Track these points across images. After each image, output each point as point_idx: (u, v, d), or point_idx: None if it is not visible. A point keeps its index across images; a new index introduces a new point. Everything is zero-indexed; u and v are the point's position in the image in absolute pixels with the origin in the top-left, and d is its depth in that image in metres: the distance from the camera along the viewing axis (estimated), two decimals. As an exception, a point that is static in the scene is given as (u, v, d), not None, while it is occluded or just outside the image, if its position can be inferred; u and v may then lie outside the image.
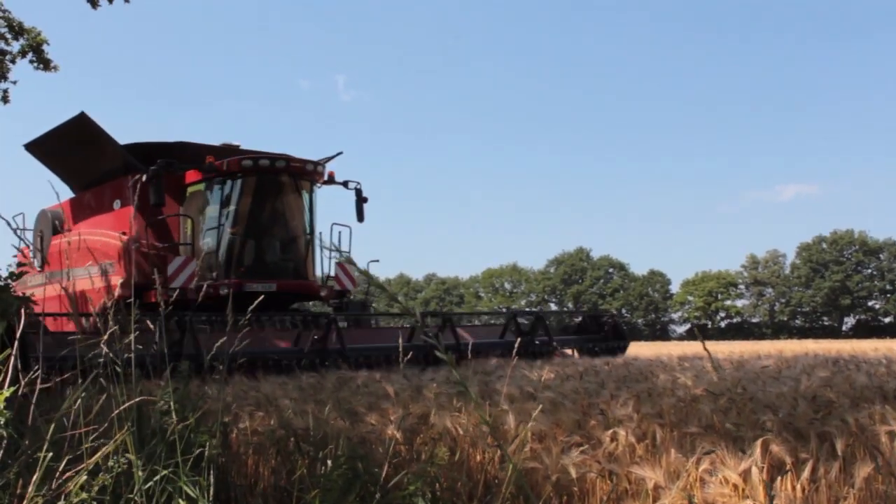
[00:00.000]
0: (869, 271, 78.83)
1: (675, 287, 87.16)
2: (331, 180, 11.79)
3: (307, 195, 11.51)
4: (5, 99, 11.93)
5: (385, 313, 16.25)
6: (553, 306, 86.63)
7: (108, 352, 3.08)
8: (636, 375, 5.74)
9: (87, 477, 2.55)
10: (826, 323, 79.52)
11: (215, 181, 10.91)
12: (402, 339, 5.57)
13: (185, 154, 11.07)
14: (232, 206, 10.82)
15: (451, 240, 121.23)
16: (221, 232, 10.77)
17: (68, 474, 2.55)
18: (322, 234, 11.78)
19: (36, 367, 2.87)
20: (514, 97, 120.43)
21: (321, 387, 5.75)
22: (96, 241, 11.05)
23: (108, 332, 3.10)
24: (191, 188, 11.30)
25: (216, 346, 3.46)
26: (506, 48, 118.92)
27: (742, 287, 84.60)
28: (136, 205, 10.50)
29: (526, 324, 11.06)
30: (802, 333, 72.72)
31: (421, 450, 3.86)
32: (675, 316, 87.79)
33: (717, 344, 34.96)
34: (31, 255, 12.83)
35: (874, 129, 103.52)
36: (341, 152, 12.02)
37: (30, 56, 11.85)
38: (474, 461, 3.80)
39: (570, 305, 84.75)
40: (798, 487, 2.83)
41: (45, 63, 11.96)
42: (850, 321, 79.92)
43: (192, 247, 10.80)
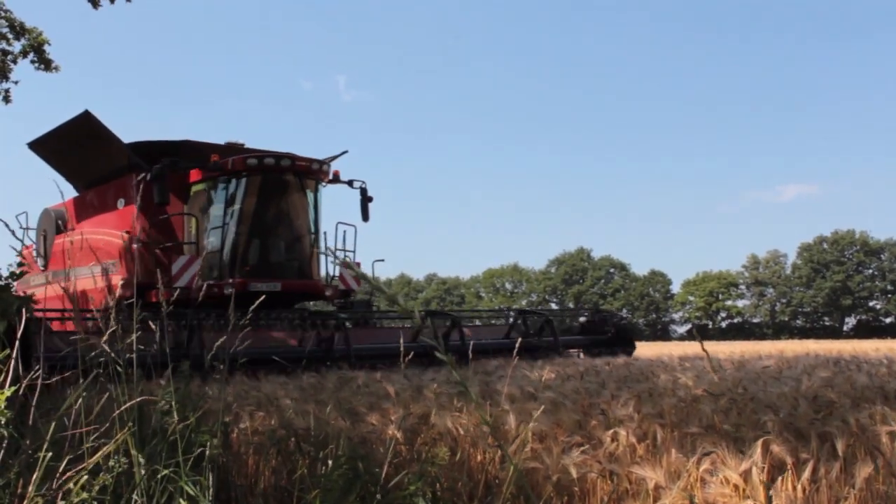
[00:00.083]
0: (870, 271, 78.76)
1: (675, 287, 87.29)
2: (336, 179, 11.74)
3: (312, 194, 11.45)
4: (7, 99, 11.95)
5: (389, 313, 16.16)
6: (554, 306, 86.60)
7: (109, 352, 3.08)
8: (637, 375, 5.73)
9: (87, 476, 2.55)
10: (827, 323, 79.46)
11: (220, 180, 10.86)
12: (407, 339, 5.55)
13: (190, 153, 11.02)
14: (237, 205, 10.78)
15: (452, 240, 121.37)
16: (226, 231, 10.73)
17: (69, 474, 2.55)
18: (326, 233, 11.76)
19: (37, 366, 2.87)
20: (514, 97, 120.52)
21: (322, 387, 5.74)
22: (99, 240, 11.01)
23: (108, 331, 3.10)
24: (195, 187, 11.25)
25: (215, 345, 3.46)
26: (506, 48, 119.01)
27: (743, 287, 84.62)
28: (140, 204, 10.48)
29: (527, 323, 11.01)
30: (803, 334, 72.69)
31: (421, 450, 3.86)
32: (676, 316, 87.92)
33: (718, 344, 34.92)
34: (34, 254, 12.82)
35: (874, 129, 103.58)
36: (346, 151, 12.00)
37: (31, 56, 11.86)
38: (475, 461, 3.79)
39: (571, 305, 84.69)
40: (799, 488, 2.83)
41: (46, 63, 11.97)
42: (851, 321, 79.91)
43: (197, 246, 10.76)
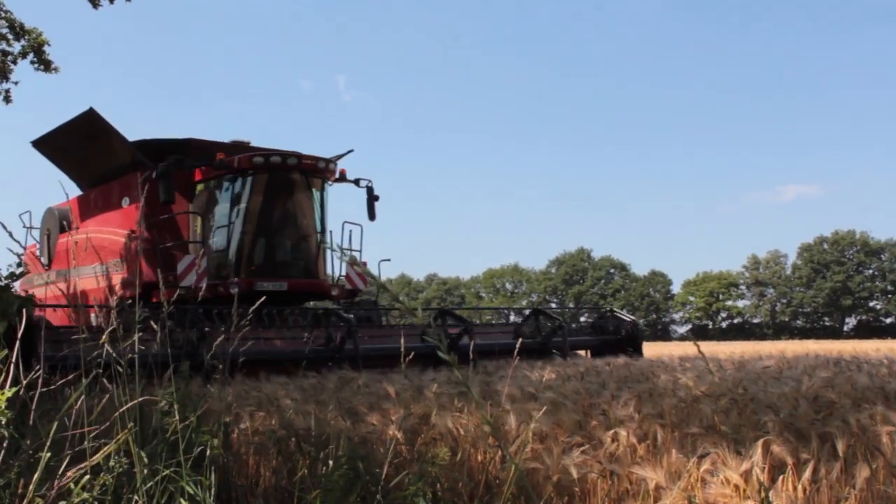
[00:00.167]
0: (870, 272, 78.74)
1: (676, 287, 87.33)
2: (342, 178, 11.64)
3: (318, 193, 11.35)
4: (7, 99, 11.95)
5: (395, 311, 16.01)
6: (554, 306, 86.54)
7: (111, 351, 3.08)
8: (637, 376, 5.73)
9: (88, 476, 2.55)
10: (827, 323, 79.44)
11: (226, 178, 10.75)
12: (413, 339, 5.51)
13: (195, 151, 10.91)
14: (242, 204, 10.67)
15: (453, 240, 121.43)
16: (232, 230, 10.63)
17: (69, 474, 2.55)
18: (332, 232, 11.64)
19: (38, 366, 2.87)
20: (514, 97, 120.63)
21: (322, 387, 5.74)
22: (103, 239, 10.91)
23: (109, 331, 3.10)
24: (200, 185, 11.16)
25: (215, 345, 3.47)
26: (506, 48, 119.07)
27: (743, 287, 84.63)
28: (145, 202, 10.41)
29: (539, 325, 10.85)
30: (804, 334, 72.69)
31: (422, 450, 3.86)
32: (677, 316, 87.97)
33: (718, 344, 34.93)
34: (36, 253, 12.78)
35: (875, 130, 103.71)
36: (352, 150, 11.91)
37: (31, 57, 11.85)
38: (475, 461, 3.79)
39: (572, 306, 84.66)
40: (799, 488, 2.83)
41: (45, 64, 11.96)
42: (851, 322, 79.90)
43: (202, 245, 10.67)
